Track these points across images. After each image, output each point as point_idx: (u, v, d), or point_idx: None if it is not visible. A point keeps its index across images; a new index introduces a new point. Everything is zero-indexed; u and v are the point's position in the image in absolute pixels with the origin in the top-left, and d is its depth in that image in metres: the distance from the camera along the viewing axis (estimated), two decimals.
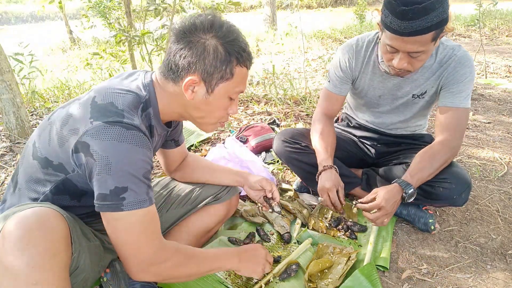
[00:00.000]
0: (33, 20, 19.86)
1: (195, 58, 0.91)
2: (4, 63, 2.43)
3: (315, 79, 4.33)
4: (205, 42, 0.91)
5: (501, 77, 4.08)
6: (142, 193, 0.86)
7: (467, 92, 1.40)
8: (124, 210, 0.84)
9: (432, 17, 1.17)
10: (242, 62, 0.96)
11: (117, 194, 0.83)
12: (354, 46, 1.57)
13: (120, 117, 0.86)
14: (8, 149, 2.49)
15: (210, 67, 0.92)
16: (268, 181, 1.34)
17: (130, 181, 0.84)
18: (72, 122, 0.88)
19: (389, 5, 1.21)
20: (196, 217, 1.35)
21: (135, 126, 0.87)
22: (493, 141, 2.40)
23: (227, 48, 0.92)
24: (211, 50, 0.91)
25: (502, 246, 1.44)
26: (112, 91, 0.92)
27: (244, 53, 0.95)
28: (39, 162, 0.94)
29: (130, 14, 3.49)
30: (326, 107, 1.66)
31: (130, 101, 0.92)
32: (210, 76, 0.93)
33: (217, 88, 0.95)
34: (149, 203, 0.88)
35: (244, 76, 0.99)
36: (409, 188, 1.31)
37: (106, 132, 0.83)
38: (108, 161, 0.82)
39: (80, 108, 0.90)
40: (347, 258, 1.31)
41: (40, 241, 0.75)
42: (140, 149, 0.86)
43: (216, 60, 0.92)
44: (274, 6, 10.03)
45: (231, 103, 1.02)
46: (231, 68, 0.94)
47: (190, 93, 0.95)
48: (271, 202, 1.34)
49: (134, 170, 0.85)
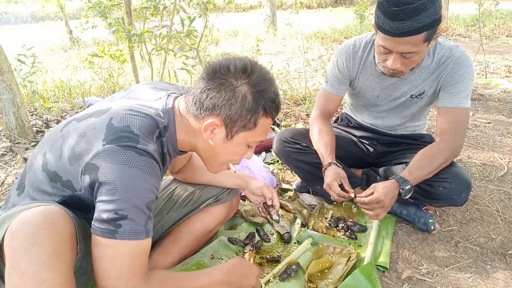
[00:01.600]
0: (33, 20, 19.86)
1: (222, 102, 0.89)
2: (4, 63, 2.43)
3: (315, 79, 4.34)
4: (236, 88, 0.89)
5: (501, 77, 4.09)
6: (140, 224, 0.83)
7: (467, 92, 1.40)
8: (116, 238, 0.81)
9: (423, 17, 1.17)
10: (269, 113, 0.93)
11: (115, 220, 0.81)
12: (352, 47, 1.57)
13: (135, 142, 0.84)
14: (8, 149, 2.49)
15: (235, 114, 0.90)
16: (269, 188, 1.34)
17: (131, 210, 0.81)
18: (85, 142, 0.86)
19: (381, 6, 1.23)
20: (196, 218, 1.35)
21: (149, 153, 0.85)
22: (493, 141, 2.40)
23: (256, 98, 0.89)
24: (239, 98, 0.89)
25: (502, 246, 1.44)
26: (130, 113, 0.90)
27: (272, 104, 0.92)
28: (48, 175, 0.93)
29: (131, 13, 3.49)
30: (323, 107, 1.66)
31: (147, 126, 0.89)
32: (232, 123, 0.91)
33: (237, 136, 0.94)
34: (144, 236, 0.84)
35: (267, 127, 0.97)
36: (406, 184, 1.31)
37: (118, 156, 0.81)
38: (114, 185, 0.80)
39: (96, 129, 0.87)
40: (347, 258, 1.31)
41: (47, 239, 0.75)
42: (149, 178, 0.84)
43: (243, 108, 0.89)
44: (274, 6, 10.03)
45: (248, 150, 1.01)
46: (256, 119, 0.91)
47: (209, 133, 0.93)
48: (271, 209, 1.35)
49: (138, 199, 0.82)
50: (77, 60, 6.42)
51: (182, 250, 1.30)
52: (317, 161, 1.57)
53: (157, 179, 0.88)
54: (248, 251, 1.38)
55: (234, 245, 1.41)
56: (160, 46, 2.93)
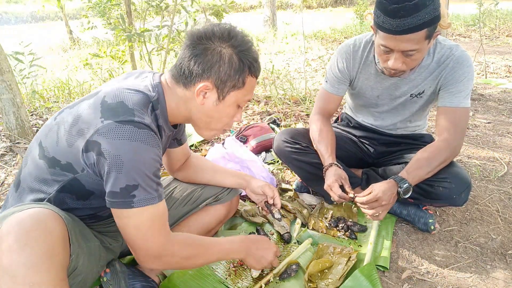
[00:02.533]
0: (33, 20, 19.86)
1: (211, 66, 0.93)
2: (4, 63, 2.43)
3: (315, 79, 4.33)
4: (221, 50, 0.94)
5: (501, 77, 4.08)
6: (151, 190, 0.89)
7: (466, 91, 1.40)
8: (134, 207, 0.87)
9: (423, 14, 1.18)
10: (254, 72, 0.99)
11: (128, 192, 0.85)
12: (352, 47, 1.57)
13: (131, 116, 0.87)
14: (8, 149, 2.49)
15: (224, 75, 0.95)
16: (271, 187, 1.34)
17: (141, 179, 0.86)
18: (82, 122, 0.89)
19: (380, 4, 1.23)
20: (196, 217, 1.35)
21: (146, 125, 0.89)
22: (493, 141, 2.40)
23: (241, 58, 0.95)
24: (226, 59, 0.94)
25: (502, 246, 1.44)
26: (122, 90, 0.93)
27: (256, 63, 0.99)
28: (46, 162, 0.95)
29: (131, 13, 3.49)
30: (323, 107, 1.66)
31: (140, 100, 0.93)
32: (223, 84, 0.96)
33: (228, 96, 0.98)
34: (158, 200, 0.91)
35: (253, 86, 1.02)
36: (403, 182, 1.31)
37: (118, 131, 0.84)
38: (119, 159, 0.83)
39: (90, 108, 0.90)
40: (347, 259, 1.31)
41: (38, 242, 0.75)
42: (151, 148, 0.88)
43: (231, 69, 0.95)
44: (274, 6, 10.03)
45: (237, 110, 1.05)
46: (243, 78, 0.97)
47: (202, 98, 0.97)
48: (272, 208, 1.35)
49: (145, 168, 0.87)
50: (77, 60, 6.41)
51: None
52: (317, 161, 1.57)
53: (159, 149, 0.92)
54: None
55: None
56: (160, 46, 2.93)
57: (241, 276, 1.28)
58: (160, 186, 0.93)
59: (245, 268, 1.32)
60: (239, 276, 1.28)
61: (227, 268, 1.31)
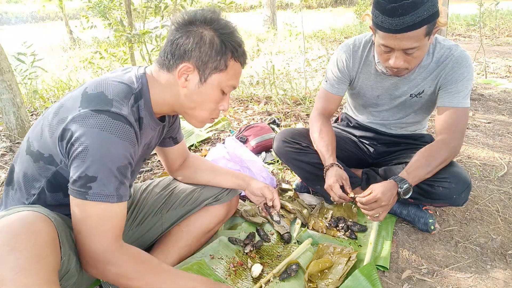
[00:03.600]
0: (33, 20, 19.87)
1: (191, 47, 0.93)
2: (4, 63, 2.43)
3: (315, 79, 4.33)
4: (203, 32, 0.94)
5: (501, 77, 4.08)
6: (110, 187, 0.85)
7: (466, 91, 1.40)
8: (87, 200, 0.84)
9: (422, 11, 1.18)
10: (237, 57, 0.98)
11: (86, 181, 0.83)
12: (352, 46, 1.57)
13: (109, 106, 0.86)
14: (8, 149, 2.49)
15: (205, 56, 0.94)
16: (270, 189, 1.34)
17: (101, 172, 0.83)
18: (62, 112, 0.89)
19: (378, 5, 1.23)
20: (196, 217, 1.35)
21: (123, 116, 0.87)
22: (493, 141, 2.40)
23: (223, 40, 0.95)
24: (207, 40, 0.94)
25: (502, 246, 1.44)
26: (104, 81, 0.93)
27: (239, 48, 0.98)
28: (31, 156, 0.95)
29: (131, 13, 3.49)
30: (323, 107, 1.66)
31: (121, 90, 0.92)
32: (204, 65, 0.95)
33: (210, 78, 0.97)
34: (116, 200, 0.86)
35: (237, 71, 1.00)
36: (403, 183, 1.31)
37: (91, 119, 0.83)
38: (85, 147, 0.82)
39: (71, 99, 0.91)
40: (348, 259, 1.31)
41: (26, 245, 0.74)
42: (121, 142, 0.86)
43: (212, 49, 0.94)
44: (274, 6, 10.04)
45: (223, 97, 1.03)
46: (225, 60, 0.96)
47: (184, 81, 0.96)
48: (271, 210, 1.35)
49: (109, 161, 0.84)
50: (77, 60, 6.41)
51: (181, 250, 1.30)
52: (317, 161, 1.57)
53: (131, 144, 0.89)
54: (248, 251, 1.38)
55: (234, 245, 1.41)
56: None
57: (241, 276, 1.28)
58: (124, 186, 0.88)
59: (245, 268, 1.32)
60: (239, 276, 1.28)
61: (227, 268, 1.31)
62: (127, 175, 0.90)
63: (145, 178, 2.07)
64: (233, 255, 1.37)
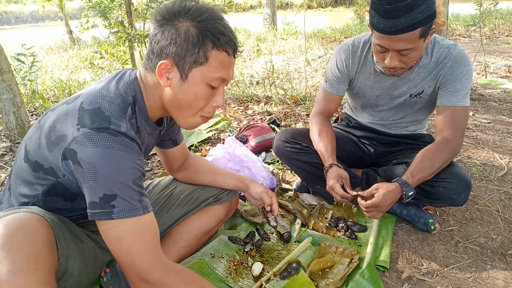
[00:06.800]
0: (33, 20, 19.87)
1: (167, 42, 0.87)
2: (4, 63, 2.43)
3: (315, 79, 4.33)
4: (178, 24, 0.87)
5: (501, 77, 4.08)
6: (133, 200, 0.83)
7: (465, 90, 1.40)
8: (114, 219, 0.82)
9: (416, 13, 1.18)
10: (220, 46, 0.89)
11: (106, 202, 0.81)
12: (351, 47, 1.57)
13: (107, 123, 0.84)
14: (8, 149, 2.49)
15: (181, 50, 0.87)
16: (269, 194, 1.34)
17: (118, 188, 0.82)
18: (59, 128, 0.87)
19: (374, 5, 1.24)
20: (196, 217, 1.35)
21: (122, 133, 0.85)
22: (493, 141, 2.40)
23: (200, 30, 0.87)
24: (182, 33, 0.87)
25: (502, 246, 1.44)
26: (99, 96, 0.90)
27: (222, 36, 0.88)
28: (30, 165, 0.93)
29: (131, 13, 3.49)
30: (322, 107, 1.66)
31: (117, 105, 0.89)
32: (182, 60, 0.88)
33: (191, 74, 0.89)
34: (142, 212, 0.85)
35: (223, 62, 0.91)
36: (409, 190, 1.31)
37: (93, 139, 0.81)
38: (94, 168, 0.80)
39: (68, 114, 0.88)
40: (349, 260, 1.31)
41: (21, 247, 0.74)
42: (128, 155, 0.84)
43: (188, 42, 0.86)
44: (274, 6, 10.04)
45: (213, 93, 0.94)
46: (204, 51, 0.88)
47: (165, 80, 0.90)
48: (269, 215, 1.35)
49: (122, 177, 0.82)
50: (77, 60, 6.41)
51: (181, 250, 1.30)
52: (317, 161, 1.57)
53: (138, 156, 0.87)
54: (248, 249, 1.39)
55: (234, 244, 1.41)
56: None
57: (241, 275, 1.28)
58: (145, 197, 0.87)
59: (246, 266, 1.32)
60: (239, 274, 1.28)
61: (227, 267, 1.31)
62: (143, 186, 0.88)
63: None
64: (234, 254, 1.37)
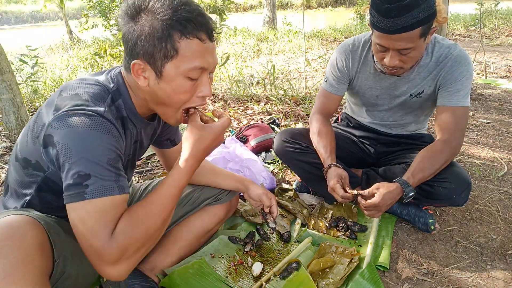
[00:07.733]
0: (33, 20, 19.88)
1: (134, 41, 0.84)
2: (4, 63, 2.43)
3: (315, 79, 4.33)
4: (140, 21, 0.83)
5: (501, 77, 4.08)
6: (108, 179, 0.80)
7: (465, 90, 1.40)
8: (86, 199, 0.77)
9: (416, 13, 1.18)
10: (189, 34, 0.83)
11: (80, 181, 0.78)
12: (351, 46, 1.57)
13: (84, 106, 0.83)
14: (8, 149, 2.49)
15: (148, 47, 0.83)
16: (269, 196, 1.34)
17: (92, 168, 0.78)
18: (41, 118, 0.87)
19: (374, 4, 1.24)
20: (196, 217, 1.35)
21: (99, 114, 0.83)
22: (493, 141, 2.40)
23: (163, 23, 0.81)
24: (146, 29, 0.82)
25: (502, 246, 1.44)
26: (78, 83, 0.90)
27: (189, 23, 0.82)
28: (20, 163, 0.94)
29: None
30: (322, 107, 1.66)
31: (96, 92, 0.88)
32: (152, 57, 0.84)
33: (164, 70, 0.85)
34: (118, 191, 0.81)
35: (196, 50, 0.84)
36: (410, 191, 1.32)
37: (66, 121, 0.80)
38: (68, 148, 0.78)
39: (48, 104, 0.89)
40: (349, 260, 1.31)
41: (11, 250, 0.73)
42: (101, 135, 0.81)
43: (153, 38, 0.82)
44: (274, 6, 10.04)
45: (195, 84, 0.89)
46: (172, 44, 0.82)
47: (143, 80, 0.88)
48: (268, 217, 1.35)
49: (96, 156, 0.79)
50: (77, 60, 6.41)
51: (181, 250, 1.30)
52: (317, 161, 1.57)
53: (114, 137, 0.84)
54: (248, 249, 1.39)
55: (234, 244, 1.41)
56: None
57: (241, 275, 1.28)
58: (122, 178, 0.84)
59: (246, 266, 1.32)
60: (239, 274, 1.28)
61: (227, 267, 1.31)
62: (120, 168, 0.85)
63: (145, 178, 2.07)
64: (234, 254, 1.37)
